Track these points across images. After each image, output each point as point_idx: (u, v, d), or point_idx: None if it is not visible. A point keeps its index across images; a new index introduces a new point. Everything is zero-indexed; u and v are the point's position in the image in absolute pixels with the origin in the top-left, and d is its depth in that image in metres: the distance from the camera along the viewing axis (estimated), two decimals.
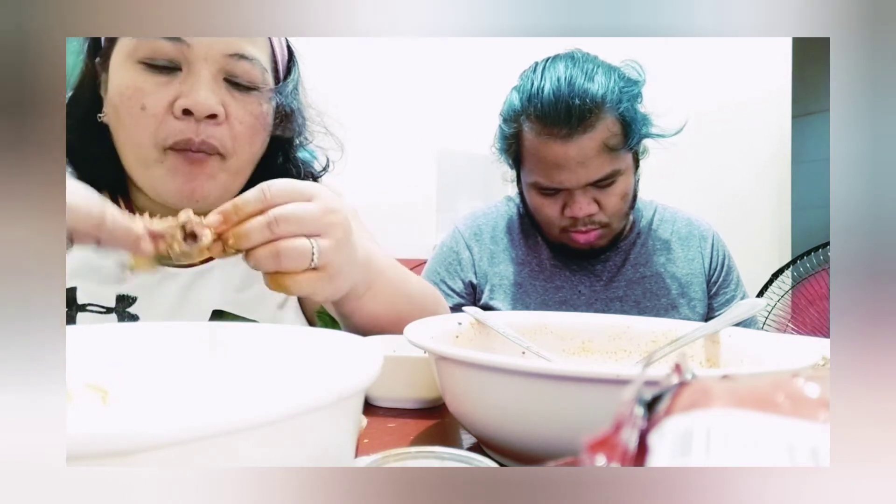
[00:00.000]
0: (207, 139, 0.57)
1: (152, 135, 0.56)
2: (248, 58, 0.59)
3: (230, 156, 0.60)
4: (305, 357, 0.35)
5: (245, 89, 0.60)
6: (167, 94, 0.56)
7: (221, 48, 0.58)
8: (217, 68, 0.58)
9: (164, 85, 0.56)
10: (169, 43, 0.56)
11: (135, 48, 0.56)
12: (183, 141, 0.57)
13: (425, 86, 1.97)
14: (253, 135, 0.61)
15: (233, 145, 0.60)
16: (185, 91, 0.56)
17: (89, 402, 0.32)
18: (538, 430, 0.34)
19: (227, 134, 0.59)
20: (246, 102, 0.60)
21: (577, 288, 0.99)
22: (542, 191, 0.92)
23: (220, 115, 0.58)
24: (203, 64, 0.57)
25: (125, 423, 0.17)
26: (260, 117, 0.61)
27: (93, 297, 0.61)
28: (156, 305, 0.63)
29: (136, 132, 0.57)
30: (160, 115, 0.56)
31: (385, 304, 0.60)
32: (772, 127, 2.26)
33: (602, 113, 0.85)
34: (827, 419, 0.15)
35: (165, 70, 0.57)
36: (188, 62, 0.57)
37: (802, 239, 2.23)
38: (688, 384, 0.17)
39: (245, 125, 0.60)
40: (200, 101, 0.56)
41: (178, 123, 0.56)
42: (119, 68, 0.57)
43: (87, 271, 0.61)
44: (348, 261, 0.49)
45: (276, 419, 0.19)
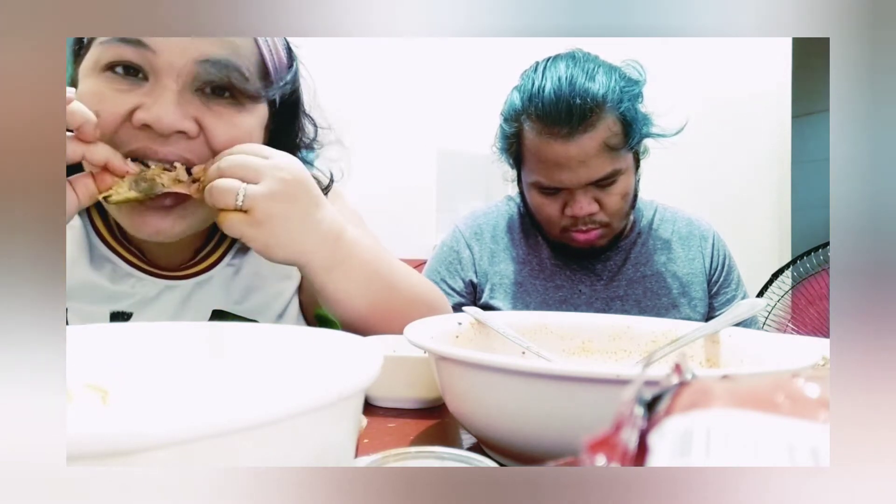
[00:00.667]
0: (182, 153, 0.53)
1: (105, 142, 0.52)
2: (222, 63, 0.53)
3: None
4: (305, 357, 0.35)
5: (222, 99, 0.55)
6: (126, 103, 0.52)
7: (191, 54, 0.52)
8: (187, 78, 0.53)
9: (125, 93, 0.52)
10: (132, 48, 0.51)
11: (101, 53, 0.52)
12: (140, 149, 0.52)
13: (425, 86, 1.97)
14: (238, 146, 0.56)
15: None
16: (147, 103, 0.51)
17: (89, 402, 0.32)
18: (538, 430, 0.34)
19: (202, 151, 0.55)
20: (223, 114, 0.55)
21: (578, 287, 0.99)
22: (543, 190, 0.92)
23: (190, 130, 0.53)
24: (170, 73, 0.52)
25: (125, 423, 0.17)
26: (241, 129, 0.56)
27: (87, 318, 0.58)
28: (162, 306, 0.63)
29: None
30: (113, 123, 0.52)
31: (358, 284, 0.59)
32: (772, 127, 2.26)
33: (603, 112, 0.85)
34: (827, 419, 0.15)
35: (130, 78, 0.52)
36: (154, 71, 0.52)
37: (802, 239, 2.23)
38: (688, 384, 0.17)
39: (224, 138, 0.55)
40: (162, 117, 0.51)
41: (137, 133, 0.52)
42: (85, 76, 0.53)
43: (79, 292, 0.59)
44: (285, 214, 0.52)
45: (276, 419, 0.19)
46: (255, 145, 0.54)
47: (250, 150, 0.53)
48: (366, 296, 0.60)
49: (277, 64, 0.60)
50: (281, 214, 0.52)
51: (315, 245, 0.55)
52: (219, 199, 0.50)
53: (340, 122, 0.74)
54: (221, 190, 0.50)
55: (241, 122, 0.56)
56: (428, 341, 0.40)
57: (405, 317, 0.50)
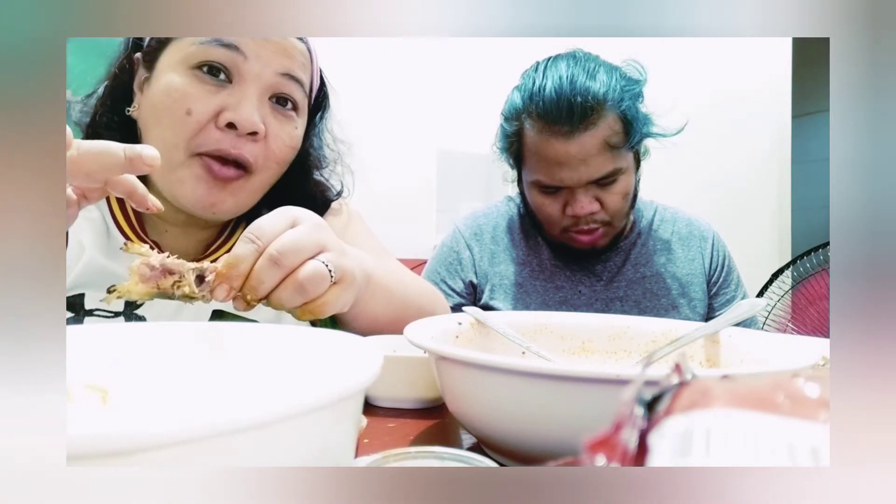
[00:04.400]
0: (244, 153, 0.58)
1: (188, 139, 0.57)
2: (297, 80, 0.61)
3: (258, 172, 0.61)
4: (305, 357, 0.35)
5: (286, 111, 0.62)
6: (213, 103, 0.57)
7: (274, 66, 0.59)
8: (266, 85, 0.59)
9: (212, 94, 0.57)
10: (225, 50, 0.57)
11: (191, 53, 0.57)
12: (217, 150, 0.58)
13: (425, 86, 1.97)
14: (285, 155, 0.63)
15: (264, 163, 0.61)
16: (231, 104, 0.57)
17: (89, 402, 0.32)
18: (538, 430, 0.34)
19: (262, 152, 0.60)
20: (285, 124, 0.62)
21: (578, 288, 0.99)
22: (544, 189, 0.92)
23: (261, 132, 0.59)
24: (254, 79, 0.58)
25: (125, 423, 0.17)
26: (294, 139, 0.63)
27: (100, 303, 0.61)
28: (162, 307, 0.63)
29: (173, 134, 0.57)
30: (203, 123, 0.57)
31: (383, 305, 0.60)
32: (772, 127, 2.26)
33: (604, 111, 0.85)
34: (827, 419, 0.15)
35: (215, 80, 0.57)
36: (240, 75, 0.58)
37: (802, 239, 2.23)
38: (688, 384, 0.17)
39: (280, 145, 0.61)
40: (246, 117, 0.57)
41: (217, 133, 0.57)
42: (170, 70, 0.58)
43: (94, 278, 0.61)
44: (355, 264, 0.48)
45: (276, 419, 0.19)
46: (263, 220, 0.43)
47: (270, 227, 0.43)
48: (387, 314, 0.60)
49: (315, 85, 0.68)
50: (355, 266, 0.48)
51: (361, 278, 0.51)
52: (316, 289, 0.43)
53: (358, 147, 0.77)
54: (317, 280, 0.42)
55: (293, 134, 0.63)
56: (428, 341, 0.40)
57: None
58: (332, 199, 0.77)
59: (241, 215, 0.71)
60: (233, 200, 0.61)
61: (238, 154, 0.58)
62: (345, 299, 0.46)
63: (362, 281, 0.52)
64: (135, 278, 0.38)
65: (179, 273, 0.39)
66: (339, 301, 0.45)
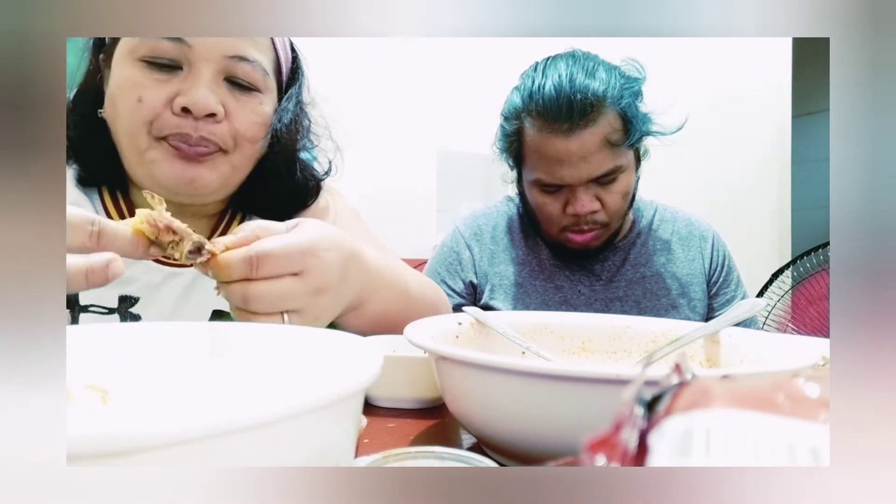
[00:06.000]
0: (207, 136, 0.59)
1: (146, 125, 0.58)
2: (250, 60, 0.61)
3: (233, 151, 0.62)
4: (305, 357, 0.35)
5: (246, 90, 0.62)
6: (166, 91, 0.58)
7: (223, 49, 0.59)
8: (218, 69, 0.59)
9: (164, 82, 0.58)
10: (170, 43, 0.57)
11: (136, 45, 0.58)
12: (179, 135, 0.58)
13: (425, 86, 1.97)
14: (254, 133, 0.63)
15: (233, 143, 0.62)
16: (184, 89, 0.58)
17: (89, 402, 0.32)
18: (538, 430, 0.34)
19: (227, 132, 0.61)
20: (247, 102, 0.62)
21: (577, 288, 0.99)
22: (544, 188, 0.92)
23: (220, 113, 0.59)
24: (204, 64, 0.59)
25: (125, 423, 0.17)
26: (261, 117, 0.63)
27: (95, 298, 0.61)
28: (158, 305, 0.63)
29: (130, 123, 0.58)
30: (157, 109, 0.57)
31: (384, 308, 0.59)
32: (772, 127, 2.26)
33: (603, 108, 0.85)
34: (827, 419, 0.15)
35: (166, 68, 0.58)
36: (189, 62, 0.58)
37: (802, 239, 2.23)
38: (688, 384, 0.17)
39: (245, 122, 0.62)
40: (199, 101, 0.57)
41: (175, 119, 0.58)
42: (120, 64, 0.59)
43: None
44: (332, 299, 0.48)
45: (276, 419, 0.19)
46: (266, 223, 0.46)
47: (270, 227, 0.45)
48: (388, 315, 0.60)
49: (286, 61, 0.68)
50: (329, 303, 0.48)
51: (347, 298, 0.51)
52: (263, 308, 0.43)
53: (341, 121, 0.75)
54: (261, 302, 0.43)
55: (259, 111, 0.63)
56: (428, 341, 0.40)
57: (414, 319, 0.50)
58: (321, 179, 0.76)
59: (234, 213, 0.71)
60: (214, 175, 0.61)
61: (200, 137, 0.59)
62: (324, 320, 0.48)
63: (352, 298, 0.52)
64: (143, 220, 0.41)
65: (181, 236, 0.41)
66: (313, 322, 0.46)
